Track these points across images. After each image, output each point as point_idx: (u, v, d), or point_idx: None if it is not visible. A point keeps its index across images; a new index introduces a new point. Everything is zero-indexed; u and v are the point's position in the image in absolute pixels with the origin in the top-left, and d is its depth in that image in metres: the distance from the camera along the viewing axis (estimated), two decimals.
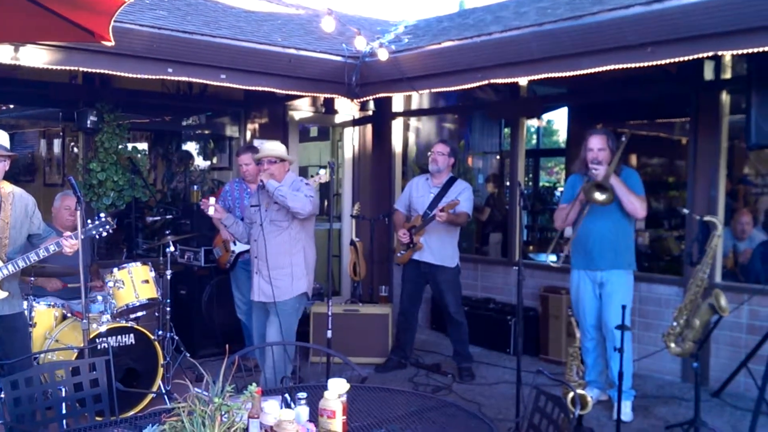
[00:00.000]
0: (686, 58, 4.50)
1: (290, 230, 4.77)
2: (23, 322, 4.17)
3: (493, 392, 5.54)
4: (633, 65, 4.73)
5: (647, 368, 5.82)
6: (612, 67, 4.82)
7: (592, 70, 4.92)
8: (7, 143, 3.88)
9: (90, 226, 4.02)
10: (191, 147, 8.82)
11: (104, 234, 4.08)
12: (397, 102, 8.16)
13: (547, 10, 5.64)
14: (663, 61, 4.57)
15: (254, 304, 4.95)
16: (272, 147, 4.87)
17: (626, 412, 4.83)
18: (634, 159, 8.36)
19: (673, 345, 4.58)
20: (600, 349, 5.08)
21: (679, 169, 8.95)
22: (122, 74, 5.15)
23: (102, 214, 4.09)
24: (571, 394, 4.19)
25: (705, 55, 4.48)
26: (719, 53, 4.50)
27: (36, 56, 4.74)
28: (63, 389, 3.38)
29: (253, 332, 5.12)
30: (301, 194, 4.66)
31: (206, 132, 8.51)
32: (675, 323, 4.60)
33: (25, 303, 4.46)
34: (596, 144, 4.80)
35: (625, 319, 4.23)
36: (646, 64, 4.65)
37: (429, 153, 5.92)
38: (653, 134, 8.95)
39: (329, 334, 5.07)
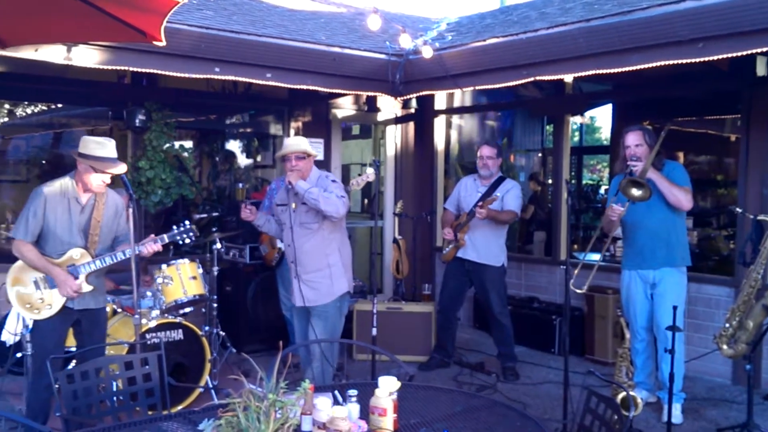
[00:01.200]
0: (739, 54, 4.39)
1: (322, 231, 4.59)
2: (105, 317, 4.35)
3: (538, 392, 5.49)
4: (683, 61, 4.63)
5: (697, 370, 5.71)
6: (662, 63, 4.73)
7: (641, 66, 4.84)
8: (114, 153, 4.03)
9: (174, 232, 4.21)
10: (235, 145, 8.93)
11: (187, 241, 4.24)
12: (440, 99, 8.14)
13: (593, 6, 5.56)
14: (715, 57, 4.47)
15: (296, 308, 4.84)
16: (297, 142, 4.62)
17: (676, 415, 4.74)
18: (681, 156, 8.21)
19: (725, 347, 4.48)
20: (650, 350, 4.98)
21: (729, 167, 8.76)
22: (171, 74, 5.23)
23: (186, 222, 4.25)
24: (621, 395, 4.14)
25: (759, 50, 4.37)
26: None
27: (87, 56, 4.85)
28: (115, 384, 3.47)
29: (296, 334, 5.04)
30: (332, 196, 4.44)
31: (250, 130, 8.59)
32: (727, 324, 4.50)
33: None
34: (632, 140, 4.74)
35: (676, 319, 4.15)
36: (697, 60, 4.55)
37: (478, 158, 5.87)
38: (701, 131, 8.78)
39: (374, 332, 5.08)
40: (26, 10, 3.51)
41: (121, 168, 4.02)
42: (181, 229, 4.22)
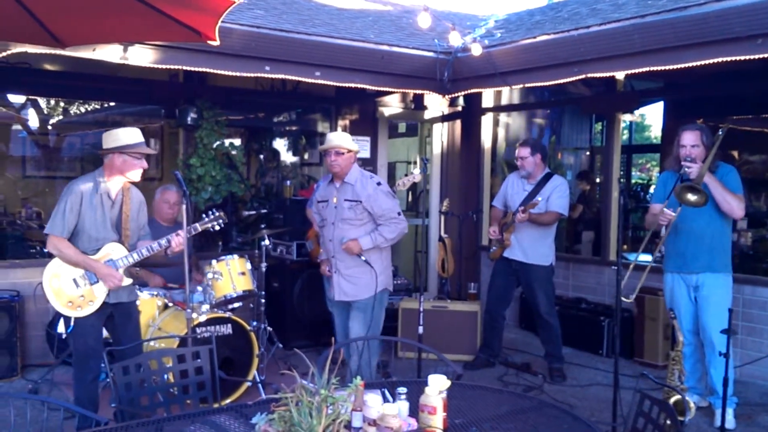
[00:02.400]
0: None
1: (364, 228, 4.70)
2: (136, 310, 4.40)
3: (586, 394, 5.42)
4: (740, 58, 4.51)
5: (750, 375, 5.57)
6: (718, 60, 4.62)
7: (697, 63, 4.73)
8: (141, 135, 4.08)
9: (205, 220, 4.26)
10: (283, 143, 9.02)
11: (217, 228, 4.29)
12: (487, 97, 8.08)
13: (647, 2, 5.45)
14: None
15: (335, 302, 4.90)
16: (337, 137, 4.68)
17: (729, 420, 4.62)
18: (735, 156, 8.00)
19: None
20: (698, 354, 4.87)
21: None
22: (222, 72, 5.31)
23: (215, 209, 4.32)
24: (674, 399, 4.06)
25: None
26: None
27: (142, 55, 4.95)
28: (166, 376, 3.54)
29: (336, 329, 5.07)
30: (392, 224, 4.66)
31: (297, 128, 8.67)
32: None
33: None
34: (689, 140, 4.59)
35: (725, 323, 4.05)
36: (755, 56, 4.43)
37: (515, 159, 5.84)
38: (756, 130, 8.53)
39: (420, 330, 5.08)
40: (84, 10, 3.60)
41: (152, 149, 4.09)
42: (211, 216, 4.28)
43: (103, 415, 4.10)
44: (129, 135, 4.01)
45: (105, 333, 4.31)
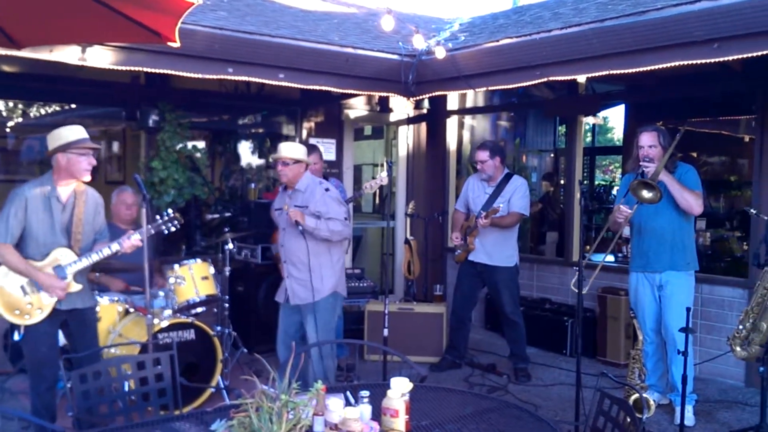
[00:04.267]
0: (754, 54, 4.35)
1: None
2: (94, 316, 4.30)
3: (550, 394, 5.47)
4: (698, 62, 4.60)
5: (709, 372, 5.68)
6: (676, 63, 4.70)
7: (656, 67, 4.81)
8: (84, 132, 3.98)
9: (159, 222, 4.17)
10: (247, 145, 8.95)
11: (172, 229, 4.21)
12: (452, 100, 8.13)
13: (607, 6, 5.53)
14: (730, 57, 4.44)
15: (284, 306, 4.88)
16: (285, 148, 4.73)
17: (688, 417, 4.71)
18: (694, 157, 8.17)
19: (738, 349, 4.45)
20: (660, 352, 4.96)
21: (742, 168, 8.71)
22: (184, 74, 5.25)
23: (169, 210, 4.24)
24: (634, 397, 4.12)
25: None
26: None
27: (102, 57, 4.87)
28: (127, 384, 3.48)
29: (278, 333, 4.99)
30: (338, 224, 4.61)
31: (262, 130, 8.61)
32: (741, 326, 4.46)
33: None
34: (647, 141, 4.70)
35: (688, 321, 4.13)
36: (712, 60, 4.52)
37: (474, 162, 5.88)
38: (715, 132, 8.72)
39: (386, 332, 5.08)
40: (41, 11, 3.53)
41: (96, 144, 3.99)
42: (165, 218, 4.19)
43: (62, 424, 4.03)
44: (71, 132, 3.91)
45: (64, 340, 4.24)
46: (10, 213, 3.82)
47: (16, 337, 4.70)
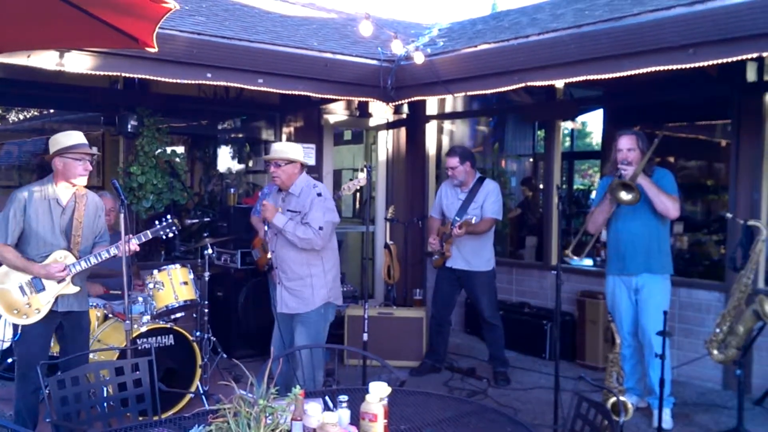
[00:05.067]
0: (729, 60, 4.42)
1: None
2: (87, 321, 4.34)
3: (529, 397, 5.50)
4: (674, 67, 4.66)
5: (687, 375, 5.73)
6: (652, 69, 4.75)
7: (632, 72, 4.86)
8: (83, 138, 4.05)
9: (157, 227, 4.24)
10: (227, 150, 8.91)
11: (171, 235, 4.28)
12: (431, 105, 8.16)
13: (584, 12, 5.59)
14: (705, 63, 4.50)
15: (278, 314, 4.83)
16: (280, 148, 4.63)
17: (666, 420, 4.75)
18: (672, 161, 8.24)
19: (716, 352, 4.50)
20: (638, 356, 5.00)
21: (719, 172, 8.80)
22: (163, 79, 5.23)
23: (168, 216, 4.31)
24: (611, 400, 4.15)
25: (749, 56, 4.39)
26: (763, 54, 4.40)
27: (80, 62, 4.84)
28: (105, 389, 3.46)
29: (273, 340, 4.96)
30: (309, 230, 4.44)
31: (242, 135, 8.59)
32: (718, 330, 4.52)
33: None
34: (626, 144, 4.75)
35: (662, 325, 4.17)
36: (687, 66, 4.58)
37: (445, 170, 5.90)
38: (692, 137, 8.81)
39: (365, 337, 5.08)
40: (18, 16, 3.50)
41: (93, 149, 4.06)
42: (164, 223, 4.26)
43: (42, 430, 4.00)
44: (68, 137, 3.99)
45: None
46: (9, 214, 3.91)
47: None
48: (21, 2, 3.21)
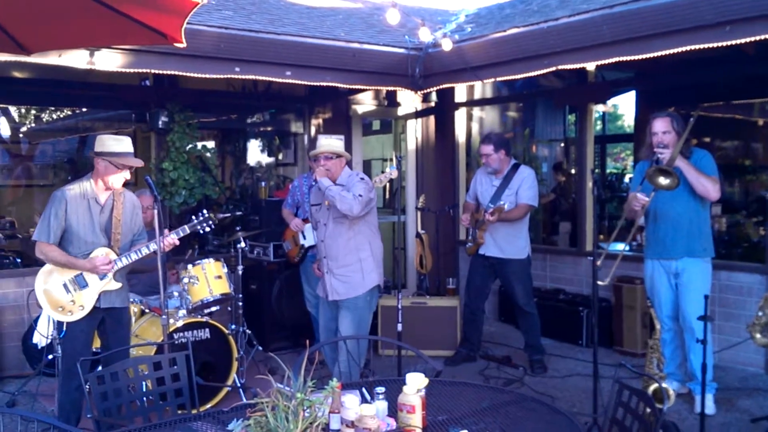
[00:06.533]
0: (766, 36, 4.29)
1: (353, 226, 4.71)
2: (129, 316, 4.43)
3: (567, 385, 5.44)
4: (709, 45, 4.54)
5: (729, 359, 5.63)
6: (687, 48, 4.64)
7: (666, 52, 4.75)
8: (131, 147, 4.12)
9: (194, 222, 4.28)
10: (257, 144, 8.95)
11: (207, 230, 4.32)
12: (460, 92, 8.09)
13: None
14: (742, 40, 4.37)
15: (323, 301, 4.92)
16: (328, 143, 4.80)
17: (709, 405, 4.66)
18: (708, 142, 8.08)
19: (758, 336, 4.40)
20: (678, 340, 4.91)
21: (757, 152, 8.61)
22: (192, 75, 5.25)
23: (204, 211, 4.34)
24: (653, 387, 4.08)
25: None
26: None
27: (110, 60, 4.88)
28: (144, 384, 3.50)
29: (320, 328, 5.09)
30: (349, 195, 4.54)
31: (271, 128, 8.61)
32: (760, 313, 4.41)
33: None
34: (660, 127, 4.64)
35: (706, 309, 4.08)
36: (724, 44, 4.46)
37: (479, 156, 5.85)
38: (728, 116, 8.61)
39: (399, 327, 5.07)
40: (48, 16, 3.53)
41: (139, 161, 4.14)
42: (200, 218, 4.30)
43: (85, 424, 4.06)
44: (116, 143, 4.06)
45: None
46: (51, 214, 3.99)
47: (36, 339, 4.77)
48: (52, 2, 3.24)
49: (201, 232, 4.33)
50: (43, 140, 8.99)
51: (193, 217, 4.35)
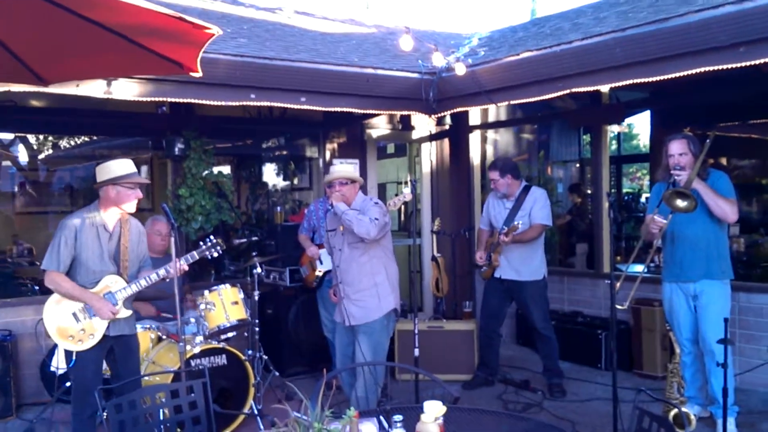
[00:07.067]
0: None
1: (368, 251, 4.72)
2: (137, 343, 4.40)
3: (587, 409, 5.38)
4: (724, 67, 4.53)
5: (750, 382, 5.54)
6: (701, 69, 4.63)
7: (680, 74, 4.75)
8: (133, 166, 4.14)
9: (203, 247, 4.32)
10: (272, 169, 9.00)
11: (215, 255, 4.35)
12: (474, 115, 8.11)
13: (628, 14, 5.49)
14: (757, 61, 4.36)
15: (340, 327, 4.90)
16: (341, 168, 4.87)
17: (731, 429, 4.59)
18: (724, 162, 8.04)
19: None
20: (698, 363, 4.84)
21: None
22: (208, 102, 5.31)
23: (212, 236, 4.38)
24: (673, 412, 4.03)
25: None
26: None
27: (127, 89, 4.94)
28: (162, 412, 3.49)
29: (336, 354, 5.07)
30: (366, 218, 4.57)
31: (286, 153, 8.67)
32: None
33: None
34: (677, 149, 4.62)
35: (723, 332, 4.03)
36: (738, 65, 4.45)
37: (490, 182, 5.88)
38: (744, 136, 8.57)
39: (417, 352, 5.04)
40: (66, 49, 3.58)
41: (146, 179, 4.16)
42: (209, 243, 4.34)
43: None
44: (121, 166, 4.06)
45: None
46: (61, 242, 3.96)
47: (55, 366, 4.77)
48: (69, 35, 3.28)
49: (209, 257, 4.35)
50: (61, 167, 9.10)
51: (201, 243, 4.38)
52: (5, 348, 5.43)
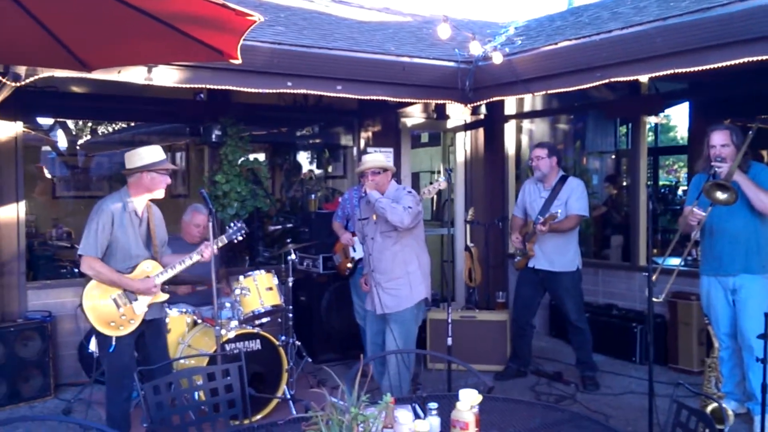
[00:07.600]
0: None
1: (401, 240, 4.74)
2: (165, 326, 4.49)
3: (621, 403, 5.34)
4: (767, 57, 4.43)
5: None
6: (744, 60, 4.53)
7: (722, 64, 4.65)
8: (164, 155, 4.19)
9: (230, 231, 4.39)
10: (306, 156, 9.04)
11: (240, 238, 4.42)
12: (510, 105, 8.05)
13: (669, 3, 5.39)
14: None
15: (370, 315, 4.95)
16: (373, 158, 4.88)
17: None
18: (765, 155, 7.85)
19: None
20: (736, 358, 4.77)
21: None
22: (246, 89, 5.35)
23: (236, 221, 4.45)
24: (711, 406, 3.97)
25: None
26: None
27: (167, 76, 5.01)
28: (197, 394, 3.55)
29: (367, 342, 5.12)
30: (399, 207, 4.59)
31: (321, 141, 8.70)
32: None
33: None
34: (719, 140, 4.53)
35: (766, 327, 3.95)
36: None
37: (529, 160, 5.81)
38: None
39: (449, 341, 5.05)
40: (109, 34, 3.64)
41: (174, 165, 4.22)
42: (235, 228, 4.41)
43: None
44: (153, 153, 4.10)
45: None
46: (98, 228, 3.95)
47: (93, 347, 4.86)
48: (114, 21, 3.33)
49: (235, 240, 4.45)
50: (99, 152, 9.25)
51: (227, 227, 4.47)
52: (44, 329, 5.56)
